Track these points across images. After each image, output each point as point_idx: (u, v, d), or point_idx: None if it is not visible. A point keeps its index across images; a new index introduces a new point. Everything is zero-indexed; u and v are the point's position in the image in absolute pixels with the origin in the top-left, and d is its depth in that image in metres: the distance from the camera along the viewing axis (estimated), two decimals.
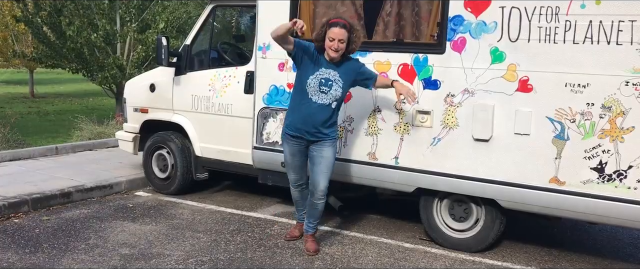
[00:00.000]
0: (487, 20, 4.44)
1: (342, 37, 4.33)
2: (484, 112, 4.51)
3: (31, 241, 4.81)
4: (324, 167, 4.55)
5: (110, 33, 10.98)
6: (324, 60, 4.46)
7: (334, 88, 4.44)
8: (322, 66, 4.44)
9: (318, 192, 4.60)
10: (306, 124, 4.49)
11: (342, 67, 4.48)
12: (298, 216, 5.08)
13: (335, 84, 4.44)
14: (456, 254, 4.83)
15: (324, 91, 4.43)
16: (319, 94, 4.43)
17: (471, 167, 4.61)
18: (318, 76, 4.43)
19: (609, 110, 4.10)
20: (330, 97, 4.45)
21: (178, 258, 4.52)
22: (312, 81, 4.43)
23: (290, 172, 4.78)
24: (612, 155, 4.13)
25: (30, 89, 18.93)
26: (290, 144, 4.63)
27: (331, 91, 4.44)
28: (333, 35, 4.33)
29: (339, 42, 4.33)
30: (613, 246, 5.31)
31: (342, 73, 4.47)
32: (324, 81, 4.42)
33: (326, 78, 4.43)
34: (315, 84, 4.42)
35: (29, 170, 6.94)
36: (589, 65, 4.13)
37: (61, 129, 10.54)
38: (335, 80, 4.44)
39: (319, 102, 4.45)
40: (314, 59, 4.45)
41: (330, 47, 4.35)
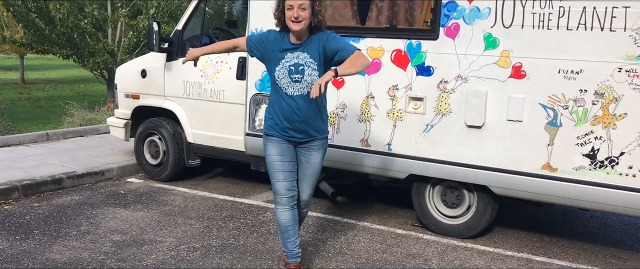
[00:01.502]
0: (480, 6, 4.41)
1: (302, 3, 3.49)
2: (477, 98, 4.50)
3: (22, 228, 4.78)
4: (310, 174, 3.85)
5: (99, 19, 10.87)
6: (288, 44, 3.63)
7: (308, 73, 3.58)
8: (288, 51, 3.62)
9: (301, 202, 3.94)
10: (288, 121, 3.69)
11: (311, 47, 3.60)
12: (293, 252, 3.91)
13: (308, 67, 3.59)
14: (448, 240, 4.85)
15: (296, 79, 3.60)
16: (291, 84, 3.61)
17: (464, 153, 4.61)
18: (285, 64, 3.61)
19: (602, 97, 4.10)
20: (306, 84, 3.60)
21: (170, 245, 4.51)
22: (280, 71, 3.63)
23: (277, 180, 3.76)
24: (605, 142, 4.14)
25: (20, 75, 18.76)
26: (276, 144, 3.76)
27: (305, 77, 3.59)
28: (291, 3, 3.50)
29: (299, 9, 3.49)
30: (604, 232, 5.35)
31: (312, 54, 3.59)
32: (293, 68, 3.59)
33: (295, 64, 3.60)
34: (284, 75, 3.62)
35: (19, 156, 6.89)
36: (583, 52, 4.12)
37: (52, 115, 10.47)
38: (306, 63, 3.59)
39: (295, 93, 3.63)
40: (276, 46, 3.66)
41: (289, 18, 3.51)
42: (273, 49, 3.67)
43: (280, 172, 3.75)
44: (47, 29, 10.87)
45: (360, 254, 4.47)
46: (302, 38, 3.61)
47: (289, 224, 3.82)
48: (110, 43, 11.07)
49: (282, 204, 3.79)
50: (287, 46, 3.63)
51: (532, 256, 4.59)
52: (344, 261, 4.33)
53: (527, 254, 4.64)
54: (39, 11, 10.85)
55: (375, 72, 4.89)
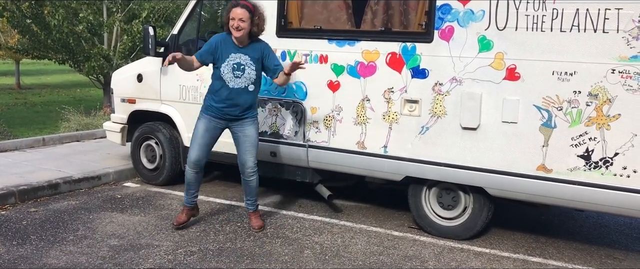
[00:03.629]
0: (474, 8, 4.44)
1: (242, 17, 4.52)
2: (471, 100, 4.52)
3: (19, 233, 4.78)
4: (248, 145, 4.78)
5: (94, 24, 10.86)
6: (233, 46, 4.65)
7: (247, 72, 4.66)
8: (232, 52, 4.64)
9: (247, 169, 4.82)
10: (227, 107, 4.69)
11: (250, 50, 4.68)
12: (187, 200, 5.00)
13: (248, 67, 4.65)
14: (444, 242, 4.87)
15: (238, 75, 4.63)
16: (234, 79, 4.64)
17: (459, 155, 4.63)
18: (229, 62, 4.63)
19: (596, 98, 4.13)
20: (245, 80, 4.66)
21: (167, 249, 4.52)
22: (225, 68, 4.63)
23: (194, 148, 4.78)
24: (599, 142, 4.16)
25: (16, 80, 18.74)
26: (207, 120, 4.76)
27: (245, 75, 4.65)
28: (234, 15, 4.54)
29: (240, 20, 4.52)
30: (599, 233, 5.37)
31: (251, 56, 4.67)
32: (236, 66, 4.63)
33: (238, 63, 4.64)
34: (228, 71, 4.63)
35: (15, 161, 6.89)
36: (576, 53, 4.15)
37: (48, 120, 10.46)
38: (246, 63, 4.65)
39: (236, 86, 4.65)
40: (222, 48, 4.64)
41: (231, 26, 4.56)
42: (222, 49, 4.65)
43: (196, 142, 4.78)
44: (42, 34, 10.86)
45: (357, 257, 4.49)
46: (244, 43, 4.68)
47: (191, 181, 4.89)
48: (106, 48, 11.07)
49: (191, 168, 4.84)
50: (232, 48, 4.66)
51: (528, 257, 4.61)
52: (340, 263, 4.35)
53: (523, 255, 4.66)
54: (34, 17, 10.85)
55: (370, 75, 4.91)
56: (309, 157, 5.28)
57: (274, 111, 5.39)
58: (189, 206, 5.04)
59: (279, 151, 5.41)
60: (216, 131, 4.83)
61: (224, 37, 4.70)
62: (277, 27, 5.26)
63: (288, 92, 5.31)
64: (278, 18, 5.24)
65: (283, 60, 5.26)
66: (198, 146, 4.79)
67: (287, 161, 5.42)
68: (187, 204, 5.04)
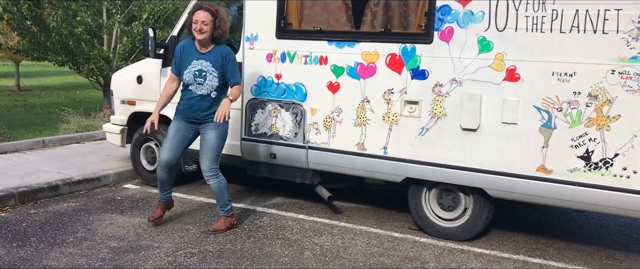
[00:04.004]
0: (474, 9, 4.44)
1: (204, 19, 4.54)
2: (471, 101, 4.52)
3: (19, 235, 4.77)
4: (205, 148, 4.80)
5: (93, 26, 10.87)
6: (195, 53, 4.68)
7: (209, 79, 4.66)
8: (194, 58, 4.67)
9: (203, 173, 4.85)
10: (191, 111, 4.75)
11: (213, 57, 4.67)
12: (162, 196, 5.09)
13: (209, 74, 4.66)
14: (445, 243, 4.86)
15: (200, 82, 4.66)
16: (196, 85, 4.68)
17: (459, 156, 4.63)
18: (191, 69, 4.67)
19: (596, 98, 4.13)
20: (207, 87, 4.68)
21: (167, 250, 4.51)
22: (187, 75, 4.68)
23: (164, 149, 4.83)
24: (599, 143, 4.16)
25: (16, 82, 18.73)
26: (178, 122, 4.83)
27: (206, 82, 4.66)
28: (196, 18, 4.56)
29: (202, 23, 4.54)
30: (600, 234, 5.37)
31: (213, 63, 4.67)
32: (197, 73, 4.65)
33: (199, 70, 4.66)
34: (190, 77, 4.67)
35: (15, 163, 6.88)
36: (576, 54, 4.15)
37: (48, 122, 10.46)
38: (208, 70, 4.66)
39: (198, 92, 4.70)
40: (184, 55, 4.71)
41: (194, 29, 4.58)
42: (185, 58, 4.71)
43: (167, 143, 4.83)
44: (42, 36, 10.86)
45: (357, 258, 4.48)
46: (207, 47, 4.68)
47: (163, 179, 4.95)
48: (106, 49, 11.07)
49: (161, 167, 4.88)
50: (194, 54, 4.69)
51: (529, 258, 4.61)
52: (341, 264, 4.34)
53: (523, 256, 4.66)
54: (34, 18, 10.85)
55: (370, 76, 4.91)
56: (308, 158, 5.28)
57: (274, 112, 5.39)
58: (164, 200, 5.13)
59: (278, 152, 5.41)
60: (187, 132, 4.84)
61: (187, 44, 4.75)
62: (276, 28, 5.26)
63: (288, 94, 5.31)
64: (278, 20, 5.25)
65: (283, 62, 5.26)
66: (168, 147, 4.83)
67: (287, 163, 5.42)
68: (162, 199, 5.12)
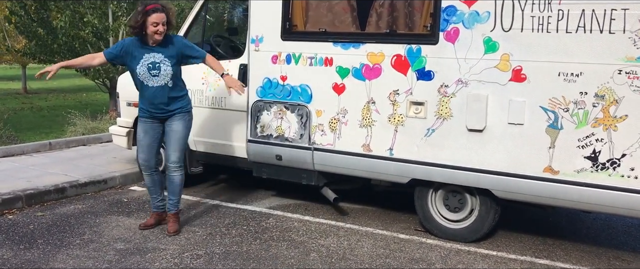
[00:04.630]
0: (480, 10, 4.43)
1: (164, 20, 4.61)
2: (477, 102, 4.51)
3: (26, 237, 4.79)
4: (173, 140, 4.86)
5: (100, 28, 10.91)
6: (145, 47, 4.69)
7: (163, 69, 4.70)
8: (145, 52, 4.69)
9: (170, 164, 4.90)
10: (153, 106, 4.78)
11: (165, 48, 4.73)
12: (153, 205, 5.12)
13: (163, 64, 4.70)
14: (451, 245, 4.85)
15: (155, 74, 4.70)
16: (151, 78, 4.70)
17: (465, 157, 4.62)
18: (144, 62, 4.69)
19: (602, 99, 4.11)
20: (163, 77, 4.72)
21: (173, 252, 4.52)
22: (140, 69, 4.70)
23: (140, 152, 4.94)
24: (606, 144, 4.14)
25: (23, 85, 18.84)
26: (143, 123, 4.87)
27: (162, 73, 4.71)
28: (156, 20, 4.57)
29: (162, 25, 4.61)
30: (607, 235, 5.34)
31: (166, 54, 4.72)
32: (151, 66, 4.69)
33: (152, 62, 4.69)
34: (144, 71, 4.69)
35: (22, 166, 6.91)
36: (582, 54, 4.13)
37: (54, 124, 10.50)
38: (161, 61, 4.70)
39: (155, 85, 4.73)
40: (134, 50, 4.70)
41: (155, 32, 4.60)
42: (132, 52, 4.69)
43: (141, 146, 4.91)
44: (49, 38, 10.92)
45: (363, 260, 4.48)
46: (157, 43, 4.70)
47: (149, 185, 5.02)
48: None
49: (144, 171, 4.99)
50: (144, 48, 4.69)
51: (535, 259, 4.59)
52: (347, 266, 4.34)
53: (530, 257, 4.64)
54: (41, 21, 10.91)
55: (375, 77, 4.90)
56: (314, 160, 5.27)
57: (279, 113, 5.39)
58: (157, 211, 5.11)
59: (284, 154, 5.40)
60: (154, 131, 4.89)
61: (132, 41, 4.76)
62: (281, 30, 5.26)
63: (293, 95, 5.31)
64: (283, 21, 5.25)
65: (288, 63, 5.26)
66: (142, 148, 4.92)
67: (293, 164, 5.42)
68: (154, 209, 5.12)
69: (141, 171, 5.06)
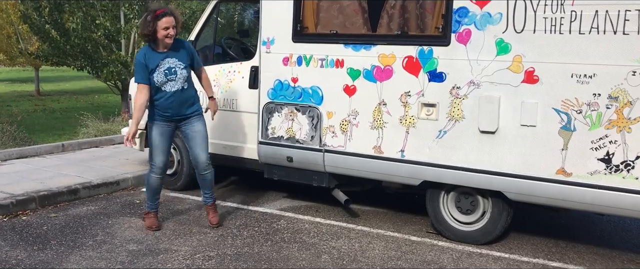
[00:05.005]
0: (492, 11, 4.41)
1: (173, 23, 4.74)
2: (489, 104, 4.49)
3: (39, 238, 4.83)
4: (200, 140, 5.02)
5: (112, 30, 10.99)
6: (157, 55, 4.82)
7: (179, 73, 4.85)
8: (159, 60, 4.81)
9: (201, 164, 5.05)
10: (172, 109, 4.90)
11: (176, 53, 4.87)
12: (151, 205, 5.15)
13: (178, 68, 4.85)
14: (463, 247, 4.83)
15: (172, 79, 4.83)
16: (169, 83, 4.84)
17: (477, 159, 4.60)
18: (160, 70, 4.80)
19: (616, 100, 4.07)
20: (180, 81, 4.87)
21: (185, 254, 4.54)
22: (158, 77, 4.81)
23: (157, 155, 4.97)
24: (619, 146, 4.11)
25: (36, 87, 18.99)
26: (159, 126, 4.93)
27: (178, 77, 4.85)
28: (167, 24, 4.71)
29: (173, 28, 4.74)
30: (621, 237, 5.29)
31: (178, 58, 4.87)
32: (168, 72, 4.82)
33: (168, 68, 4.82)
34: (162, 78, 4.81)
35: (35, 167, 6.97)
36: (595, 56, 4.10)
37: (67, 126, 10.58)
38: (176, 65, 4.85)
39: (172, 90, 4.85)
40: (149, 62, 4.80)
41: (166, 35, 4.73)
42: (150, 63, 4.79)
43: (158, 149, 4.95)
44: (62, 40, 11.01)
45: (374, 262, 4.47)
46: (167, 48, 4.83)
47: (157, 187, 5.09)
48: (124, 54, 11.18)
49: (156, 173, 5.01)
50: (158, 56, 4.82)
51: (548, 262, 4.56)
52: (358, 268, 4.33)
53: (542, 260, 4.61)
54: (54, 23, 11.01)
55: (387, 79, 4.90)
56: (325, 162, 5.27)
57: (290, 115, 5.40)
58: (155, 210, 5.21)
59: (295, 155, 5.41)
60: (169, 134, 5.00)
61: (146, 51, 4.85)
62: (293, 32, 5.27)
63: (304, 97, 5.32)
64: (294, 23, 5.25)
65: (299, 65, 5.27)
66: (159, 151, 4.96)
67: (304, 166, 5.42)
68: (153, 209, 5.19)
69: (153, 173, 5.02)
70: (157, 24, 4.69)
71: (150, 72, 4.80)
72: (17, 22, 15.55)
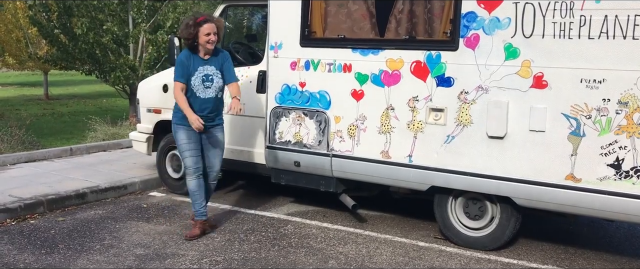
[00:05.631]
0: (500, 16, 4.40)
1: (215, 30, 4.87)
2: (498, 109, 4.47)
3: (47, 242, 4.84)
4: (219, 149, 5.15)
5: (120, 35, 11.03)
6: (199, 60, 4.96)
7: (215, 81, 5.00)
8: (199, 65, 4.95)
9: (213, 173, 5.19)
10: (202, 115, 4.91)
11: (215, 62, 5.01)
12: (199, 211, 5.08)
13: (215, 77, 5.00)
14: (471, 253, 4.80)
15: (208, 86, 4.97)
16: (204, 90, 4.96)
17: (486, 165, 4.57)
18: (198, 75, 4.93)
19: (626, 106, 4.04)
20: (214, 89, 5.00)
21: (192, 258, 4.53)
22: (195, 80, 4.93)
23: (188, 157, 4.99)
24: (629, 151, 4.08)
25: (44, 91, 19.07)
26: (186, 129, 4.96)
27: (213, 85, 4.99)
28: (209, 30, 4.83)
29: (214, 34, 4.86)
30: (631, 244, 5.25)
31: (216, 66, 5.01)
32: (205, 78, 4.96)
33: (206, 74, 4.96)
34: (199, 83, 4.94)
35: (44, 171, 7.00)
36: (605, 61, 4.07)
37: (75, 130, 10.61)
38: (213, 74, 4.99)
39: (206, 96, 4.97)
40: (191, 64, 4.93)
41: (207, 41, 4.86)
42: (191, 66, 4.93)
43: (188, 150, 4.99)
44: (70, 45, 11.06)
45: (382, 267, 4.45)
46: (209, 54, 4.98)
47: (196, 189, 5.04)
48: (132, 58, 11.22)
49: (190, 174, 5.02)
50: (199, 62, 4.97)
51: (557, 268, 4.52)
52: None
53: (551, 266, 4.57)
54: (63, 27, 11.07)
55: (395, 83, 4.88)
56: (332, 166, 5.26)
57: (298, 120, 5.39)
58: (201, 219, 5.10)
59: (302, 160, 5.40)
60: (197, 137, 5.03)
61: (188, 54, 4.95)
62: (301, 36, 5.27)
63: (312, 102, 5.31)
64: (302, 28, 5.26)
65: (307, 69, 5.27)
66: (190, 152, 5.00)
67: (311, 171, 5.41)
68: (199, 217, 5.09)
69: (189, 176, 5.02)
70: (199, 30, 4.82)
71: (191, 75, 4.92)
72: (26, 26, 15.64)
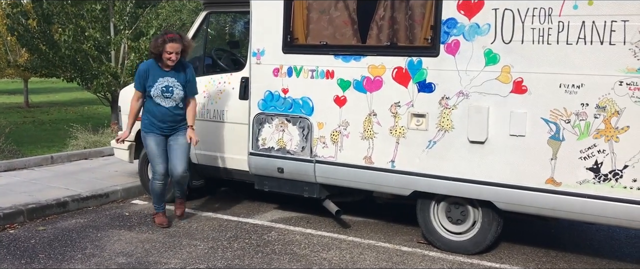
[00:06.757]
0: (480, 22, 4.44)
1: (178, 50, 5.16)
2: (479, 114, 4.51)
3: (27, 252, 4.78)
4: (180, 153, 5.36)
5: (101, 42, 10.96)
6: (160, 71, 5.26)
7: (176, 92, 5.28)
8: (159, 77, 5.25)
9: (176, 176, 5.39)
10: (163, 123, 5.32)
11: (177, 74, 5.30)
12: (158, 207, 5.55)
13: (176, 88, 5.28)
14: (454, 257, 4.83)
15: (167, 96, 5.25)
16: (164, 99, 5.26)
17: (467, 169, 4.61)
18: (158, 85, 5.24)
19: (604, 110, 4.11)
20: (175, 99, 5.29)
21: (175, 266, 4.51)
22: (155, 90, 5.24)
23: (157, 163, 5.34)
24: (608, 155, 4.14)
25: (25, 99, 18.89)
26: (153, 135, 5.33)
27: (174, 95, 5.27)
28: (171, 49, 5.13)
29: (176, 54, 5.16)
30: (610, 246, 5.32)
31: (177, 78, 5.30)
32: (165, 89, 5.24)
33: (166, 85, 5.25)
34: (158, 93, 5.24)
35: (24, 180, 6.91)
36: (583, 66, 4.14)
37: (56, 138, 10.51)
38: (174, 85, 5.27)
39: (167, 106, 5.28)
40: (151, 74, 5.25)
41: (168, 59, 5.16)
42: (150, 75, 5.25)
43: (159, 157, 5.33)
44: (51, 53, 10.97)
45: None
46: (169, 68, 5.25)
47: (162, 191, 5.47)
48: (114, 65, 11.15)
49: (158, 179, 5.39)
50: (160, 72, 5.26)
51: None
52: None
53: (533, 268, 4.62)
54: (42, 35, 10.97)
55: (377, 89, 4.91)
56: (316, 172, 5.27)
57: (281, 126, 5.40)
58: (163, 210, 5.59)
59: (286, 166, 5.40)
60: (164, 143, 5.37)
61: (151, 64, 5.29)
62: (283, 43, 5.28)
63: (295, 108, 5.32)
64: (284, 35, 5.27)
65: (289, 76, 5.28)
66: (159, 159, 5.34)
67: (295, 177, 5.41)
68: (161, 210, 5.58)
69: (156, 180, 5.38)
70: (165, 47, 5.11)
71: (149, 86, 5.22)
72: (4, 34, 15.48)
